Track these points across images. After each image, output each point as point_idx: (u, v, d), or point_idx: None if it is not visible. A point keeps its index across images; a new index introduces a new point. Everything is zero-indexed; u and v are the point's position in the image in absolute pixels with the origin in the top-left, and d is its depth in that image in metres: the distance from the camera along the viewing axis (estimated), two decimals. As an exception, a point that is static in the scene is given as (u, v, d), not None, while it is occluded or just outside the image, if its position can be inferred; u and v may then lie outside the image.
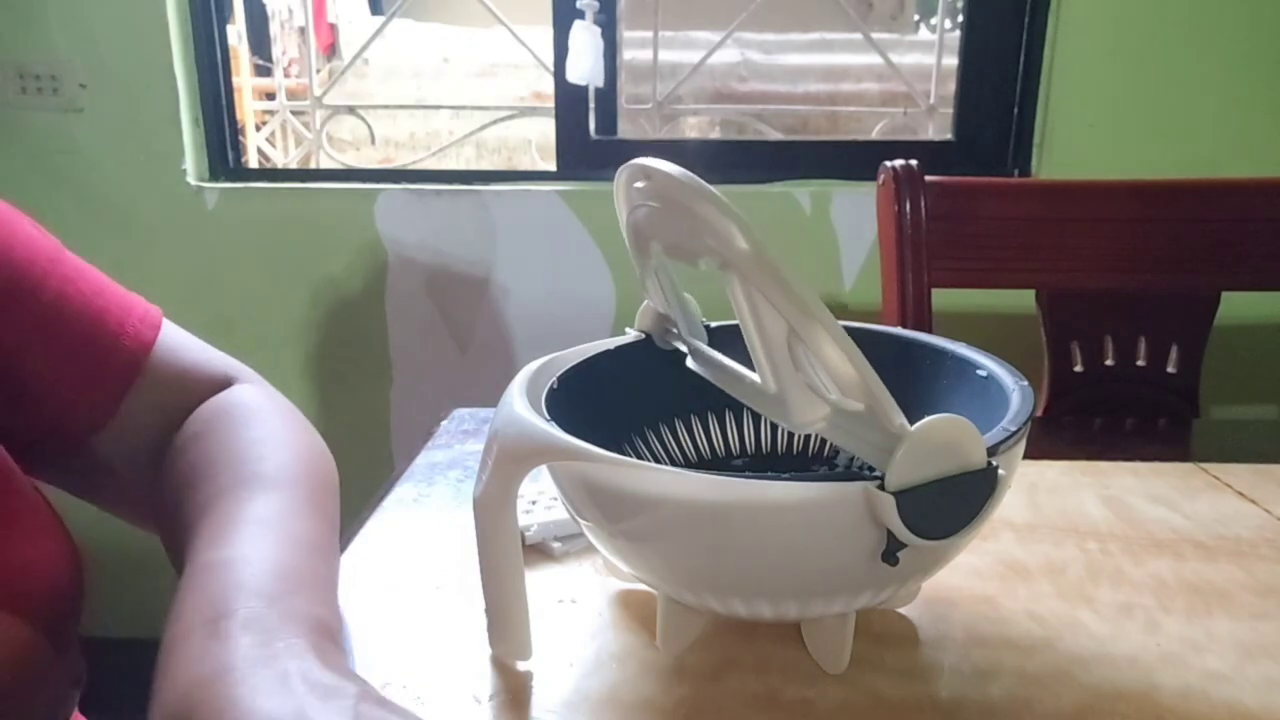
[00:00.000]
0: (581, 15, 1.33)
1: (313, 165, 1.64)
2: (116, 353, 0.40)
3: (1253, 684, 0.37)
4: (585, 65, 1.33)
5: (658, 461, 0.44)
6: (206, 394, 0.43)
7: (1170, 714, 0.35)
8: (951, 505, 0.30)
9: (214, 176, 1.42)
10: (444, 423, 0.67)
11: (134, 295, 0.43)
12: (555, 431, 0.33)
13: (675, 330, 0.44)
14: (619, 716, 0.35)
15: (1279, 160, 1.26)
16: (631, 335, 0.45)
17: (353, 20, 2.77)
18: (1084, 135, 1.29)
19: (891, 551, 0.31)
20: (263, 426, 0.40)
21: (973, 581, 0.44)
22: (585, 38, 1.32)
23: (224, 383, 0.44)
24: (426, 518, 0.52)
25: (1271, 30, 1.24)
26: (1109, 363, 0.86)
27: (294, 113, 1.84)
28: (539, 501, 0.49)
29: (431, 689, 0.37)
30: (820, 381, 0.29)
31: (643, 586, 0.42)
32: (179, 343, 0.43)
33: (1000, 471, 0.31)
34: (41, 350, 0.38)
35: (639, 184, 0.34)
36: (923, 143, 1.47)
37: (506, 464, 0.34)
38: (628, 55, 1.42)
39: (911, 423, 0.29)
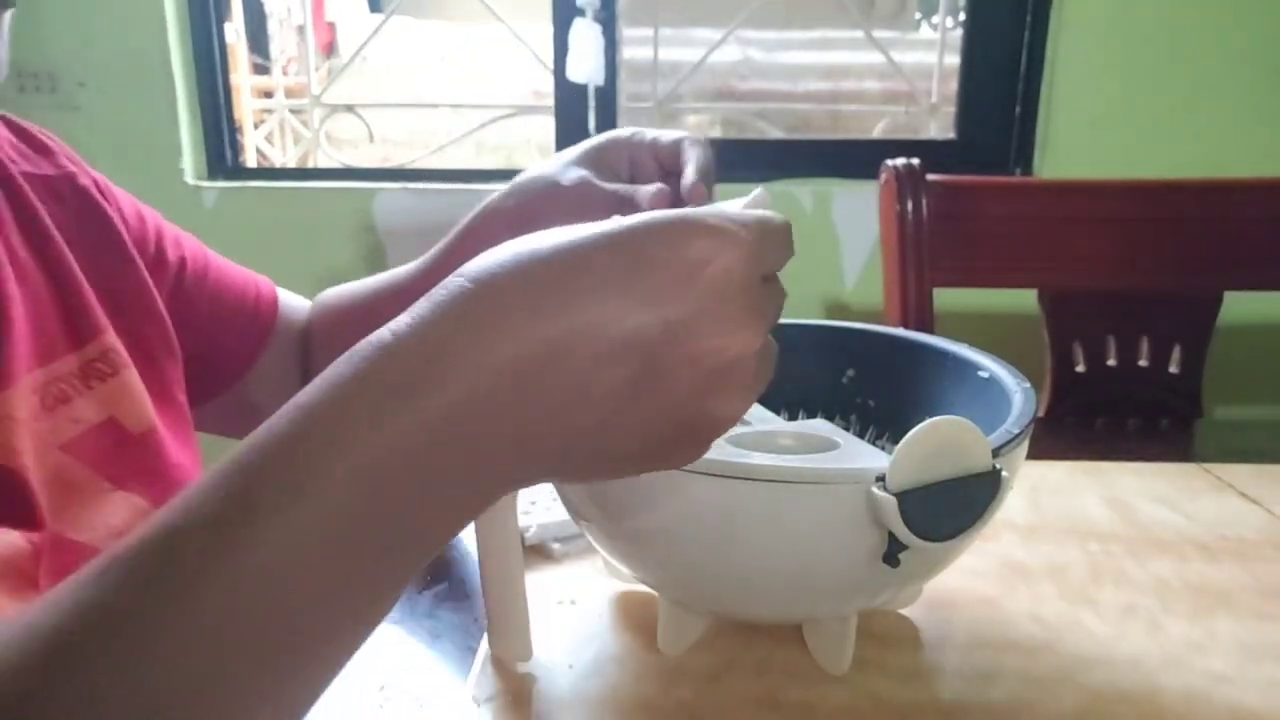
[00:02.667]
0: (582, 13, 1.32)
1: (311, 164, 1.64)
2: (258, 310, 0.51)
3: (1255, 685, 0.37)
4: (585, 63, 1.32)
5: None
6: (302, 321, 0.54)
7: (1172, 715, 0.35)
8: (954, 507, 0.30)
9: (212, 175, 1.42)
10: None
11: (247, 270, 0.53)
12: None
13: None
14: (619, 718, 0.35)
15: (1280, 159, 1.26)
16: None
17: (352, 18, 2.77)
18: (1086, 134, 1.28)
19: (893, 553, 0.31)
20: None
21: (974, 583, 0.44)
22: (585, 35, 1.32)
23: (304, 309, 0.55)
24: (426, 518, 0.51)
25: (1273, 29, 1.24)
26: (1111, 363, 0.86)
27: (292, 111, 1.84)
28: (539, 502, 0.49)
29: (431, 690, 0.37)
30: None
31: (643, 587, 0.42)
32: (286, 299, 0.54)
33: (1004, 474, 0.31)
34: (214, 317, 0.49)
35: None
36: (924, 142, 1.47)
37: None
38: (628, 53, 1.42)
39: (914, 425, 0.29)
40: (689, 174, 0.42)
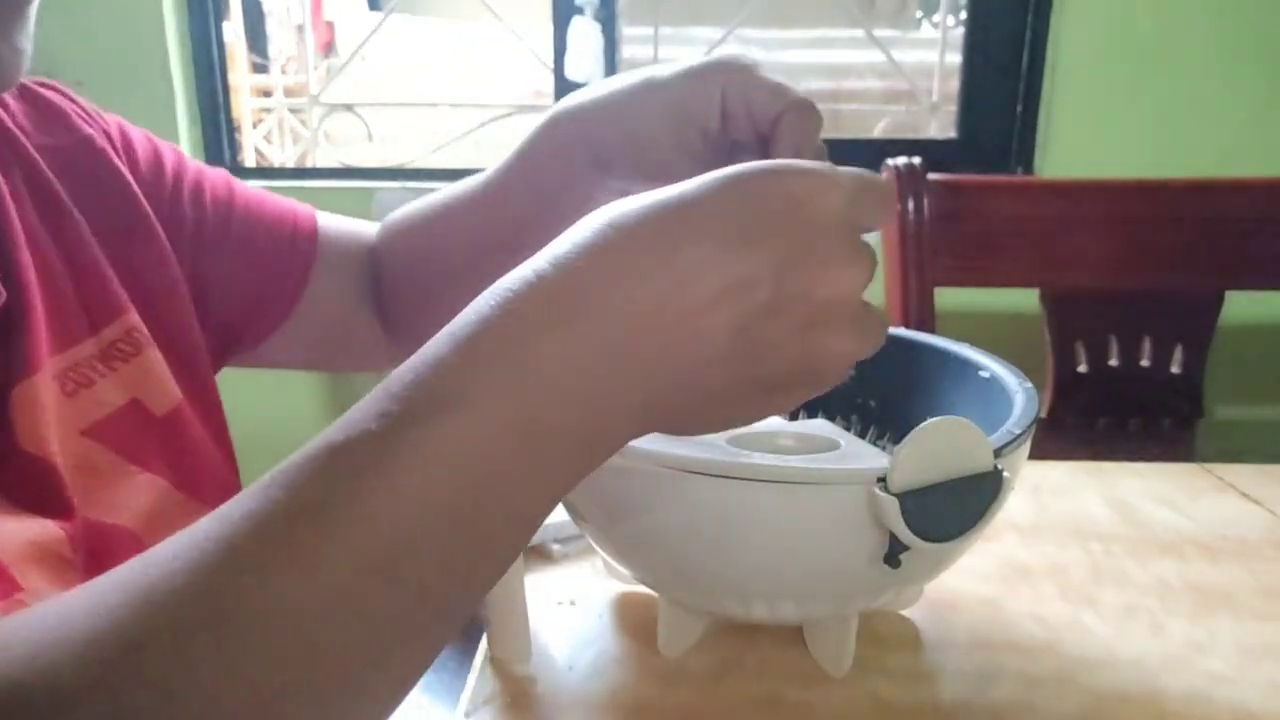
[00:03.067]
0: (581, 11, 1.32)
1: (310, 163, 1.64)
2: (296, 241, 0.48)
3: (1256, 686, 0.37)
4: (584, 62, 1.32)
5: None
6: (365, 245, 0.51)
7: (1174, 716, 0.35)
8: (955, 508, 0.30)
9: (212, 174, 1.42)
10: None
11: (286, 200, 0.50)
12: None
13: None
14: (619, 719, 0.34)
15: (1282, 158, 1.26)
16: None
17: (350, 17, 2.76)
18: (1088, 133, 1.28)
19: (894, 554, 0.31)
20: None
21: (976, 583, 0.44)
22: (585, 34, 1.32)
23: (369, 231, 0.52)
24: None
25: (1273, 29, 1.24)
26: (1113, 363, 0.86)
27: (291, 110, 1.84)
28: (538, 502, 0.49)
29: (430, 691, 0.37)
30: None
31: (643, 588, 0.42)
32: (331, 226, 0.50)
33: (1005, 474, 0.31)
34: (245, 261, 0.46)
35: None
36: (925, 141, 1.47)
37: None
38: (627, 52, 1.42)
39: (916, 425, 0.29)
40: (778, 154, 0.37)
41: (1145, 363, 0.85)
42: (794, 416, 0.45)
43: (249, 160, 1.64)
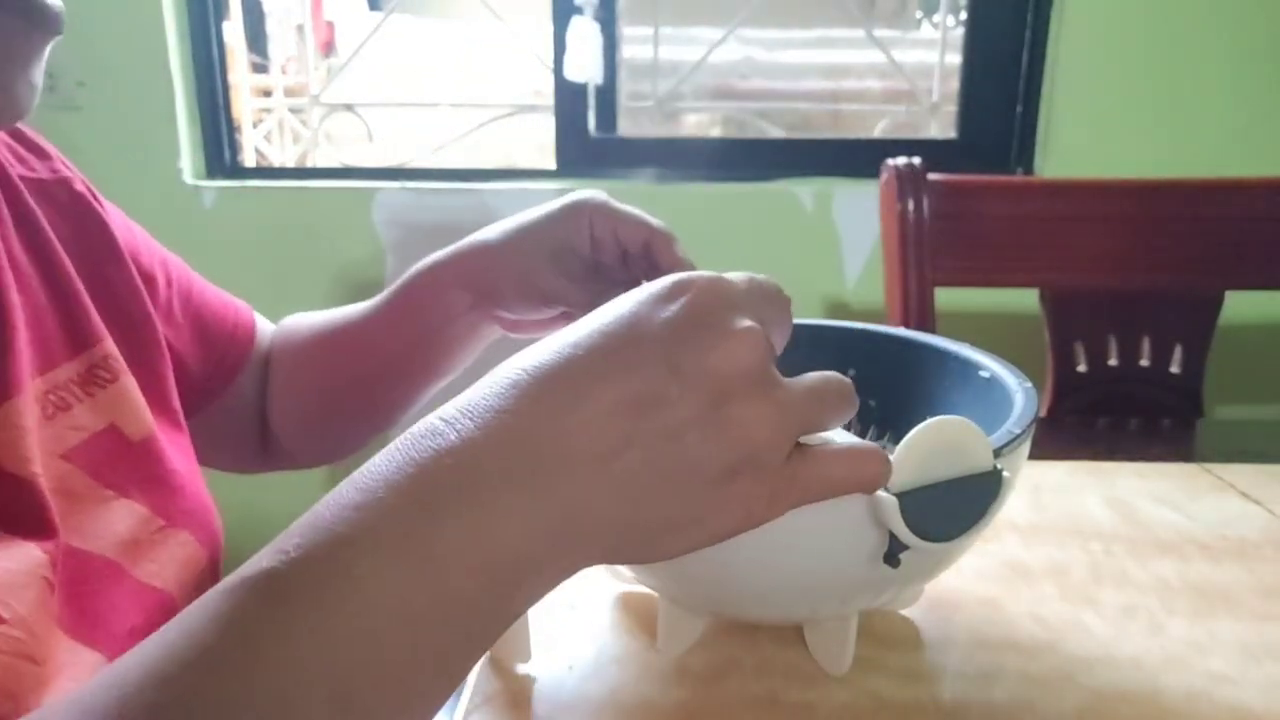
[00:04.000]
0: (581, 12, 1.32)
1: (310, 163, 1.64)
2: (236, 335, 0.51)
3: (1257, 686, 0.37)
4: (585, 62, 1.32)
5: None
6: (266, 347, 0.54)
7: (1174, 716, 0.35)
8: (955, 507, 0.30)
9: (211, 175, 1.42)
10: (443, 422, 0.67)
11: (225, 293, 0.53)
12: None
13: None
14: (619, 719, 0.34)
15: (1282, 158, 1.26)
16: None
17: (350, 17, 2.77)
18: (1088, 133, 1.28)
19: (894, 553, 0.31)
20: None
21: (976, 583, 0.44)
22: (584, 34, 1.32)
23: (269, 334, 0.55)
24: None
25: (1274, 29, 1.24)
26: (1113, 363, 0.86)
27: (291, 110, 1.84)
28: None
29: (430, 692, 0.37)
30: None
31: (643, 588, 0.42)
32: (260, 326, 0.54)
33: (1005, 474, 0.31)
34: (194, 342, 0.48)
35: None
36: (925, 141, 1.47)
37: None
38: (627, 52, 1.42)
39: (916, 425, 0.29)
40: None
41: (1145, 363, 0.85)
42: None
43: (249, 160, 1.64)
